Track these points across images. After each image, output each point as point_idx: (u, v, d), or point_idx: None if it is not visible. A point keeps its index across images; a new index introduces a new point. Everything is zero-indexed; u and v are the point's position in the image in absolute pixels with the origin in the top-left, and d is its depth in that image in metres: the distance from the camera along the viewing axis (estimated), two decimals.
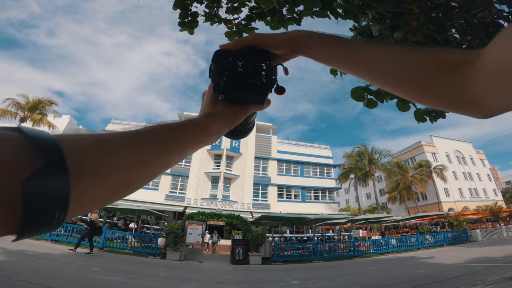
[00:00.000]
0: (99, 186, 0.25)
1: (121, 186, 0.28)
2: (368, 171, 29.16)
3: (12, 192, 0.19)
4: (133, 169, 0.29)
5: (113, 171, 0.27)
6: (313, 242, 15.22)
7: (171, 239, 10.94)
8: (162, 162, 0.33)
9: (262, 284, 7.06)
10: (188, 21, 3.24)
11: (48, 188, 0.20)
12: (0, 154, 0.20)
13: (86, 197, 0.24)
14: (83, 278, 5.79)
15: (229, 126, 0.43)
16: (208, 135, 0.40)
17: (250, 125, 0.52)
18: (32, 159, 0.20)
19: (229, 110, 0.42)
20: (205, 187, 25.03)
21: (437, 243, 16.76)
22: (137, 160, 0.29)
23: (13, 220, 0.20)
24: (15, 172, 0.20)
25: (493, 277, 6.12)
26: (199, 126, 0.39)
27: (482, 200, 37.90)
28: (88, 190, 0.24)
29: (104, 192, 0.27)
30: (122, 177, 0.28)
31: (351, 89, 2.26)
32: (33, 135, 0.22)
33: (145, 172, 0.31)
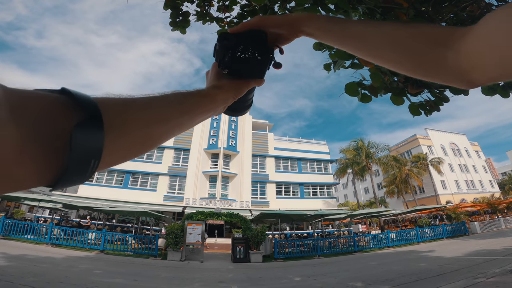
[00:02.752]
0: (123, 140, 0.30)
1: (141, 141, 0.33)
2: (366, 165, 29.31)
3: (61, 141, 0.23)
4: (151, 127, 0.33)
5: (135, 128, 0.31)
6: (313, 238, 15.30)
7: (171, 239, 10.91)
8: (175, 123, 0.37)
9: (264, 282, 7.08)
10: (179, 20, 3.22)
11: (89, 139, 0.24)
12: (52, 108, 0.23)
13: (113, 149, 0.28)
14: (86, 281, 5.75)
15: (233, 97, 0.47)
16: (215, 103, 0.44)
17: (249, 102, 0.56)
18: (76, 113, 0.24)
19: (232, 83, 0.47)
20: (203, 186, 24.99)
21: (436, 236, 16.94)
22: (154, 119, 0.34)
23: (56, 168, 0.23)
24: (65, 124, 0.23)
25: (494, 270, 6.19)
26: (207, 95, 0.44)
27: (479, 192, 38.39)
28: (115, 142, 0.28)
29: (127, 146, 0.31)
30: (142, 134, 0.32)
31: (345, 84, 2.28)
32: (77, 94, 0.26)
33: (161, 129, 0.35)
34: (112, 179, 25.15)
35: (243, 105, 0.54)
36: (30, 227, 12.07)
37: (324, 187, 29.03)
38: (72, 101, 0.25)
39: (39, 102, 0.23)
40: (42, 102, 0.23)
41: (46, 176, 0.23)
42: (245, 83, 0.48)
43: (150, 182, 25.43)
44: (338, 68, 2.60)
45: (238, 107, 0.54)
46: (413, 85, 2.42)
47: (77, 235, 11.83)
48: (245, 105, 0.55)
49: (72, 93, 0.25)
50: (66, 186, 0.27)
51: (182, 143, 27.15)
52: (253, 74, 0.48)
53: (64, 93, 0.26)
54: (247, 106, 0.56)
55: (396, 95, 2.45)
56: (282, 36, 0.47)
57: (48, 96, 0.24)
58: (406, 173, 32.33)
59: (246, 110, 0.56)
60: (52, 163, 0.23)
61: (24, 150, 0.21)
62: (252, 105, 0.57)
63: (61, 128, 0.23)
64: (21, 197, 15.97)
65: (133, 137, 0.31)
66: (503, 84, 2.33)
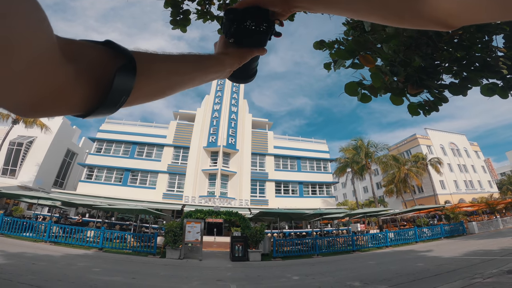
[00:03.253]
0: (147, 85, 0.37)
1: (160, 88, 0.41)
2: (365, 164, 29.34)
3: (104, 79, 0.31)
4: (169, 77, 0.41)
5: (157, 76, 0.39)
6: (312, 237, 15.35)
7: (170, 237, 10.93)
8: (189, 77, 0.45)
9: (262, 281, 7.11)
10: (180, 19, 3.20)
11: (124, 81, 0.32)
12: (102, 53, 0.32)
13: (137, 91, 0.35)
14: (84, 279, 5.77)
15: (238, 62, 0.53)
16: (223, 66, 0.51)
17: (254, 70, 0.62)
18: (117, 60, 0.32)
19: (238, 50, 0.53)
20: (203, 184, 25.01)
21: (434, 236, 17.01)
22: (173, 71, 0.42)
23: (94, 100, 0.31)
24: (108, 66, 0.32)
25: (491, 270, 6.22)
26: (217, 58, 0.51)
27: (477, 192, 38.52)
28: (140, 86, 0.35)
29: (149, 89, 0.38)
30: (162, 81, 0.40)
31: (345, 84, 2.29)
32: (119, 45, 0.33)
33: (177, 80, 0.43)
34: (111, 176, 25.15)
35: (248, 73, 0.60)
36: (29, 225, 12.08)
37: (323, 186, 29.09)
38: (114, 50, 0.33)
39: (93, 48, 0.32)
40: (94, 48, 0.32)
41: (86, 105, 0.31)
42: (249, 51, 0.54)
43: (149, 180, 25.44)
44: (338, 67, 2.61)
45: (244, 74, 0.60)
46: (413, 85, 2.43)
47: (75, 233, 11.84)
48: (250, 73, 0.61)
49: (116, 44, 0.33)
50: (97, 117, 0.34)
51: (181, 141, 27.13)
52: (255, 43, 0.54)
53: (108, 44, 0.33)
54: (252, 75, 0.62)
55: (395, 95, 2.47)
56: (278, 13, 0.52)
57: (98, 45, 0.33)
58: (405, 173, 32.38)
59: (251, 78, 0.62)
60: (93, 96, 0.31)
61: (76, 82, 0.29)
62: (256, 74, 0.63)
63: (105, 69, 0.31)
64: (20, 195, 15.96)
65: (155, 83, 0.39)
66: (502, 85, 2.34)
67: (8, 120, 22.43)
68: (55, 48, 0.25)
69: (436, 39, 2.40)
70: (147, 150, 26.78)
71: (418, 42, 2.45)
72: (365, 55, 2.25)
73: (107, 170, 25.23)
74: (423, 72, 2.43)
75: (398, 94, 2.51)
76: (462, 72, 2.49)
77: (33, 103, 0.26)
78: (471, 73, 2.38)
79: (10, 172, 26.28)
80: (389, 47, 2.34)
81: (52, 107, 0.28)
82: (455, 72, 2.51)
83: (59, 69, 0.26)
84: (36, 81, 0.24)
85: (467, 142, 45.34)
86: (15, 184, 24.48)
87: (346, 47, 2.41)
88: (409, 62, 2.45)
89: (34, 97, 0.26)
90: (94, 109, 0.32)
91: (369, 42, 2.35)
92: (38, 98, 0.26)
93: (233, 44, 0.53)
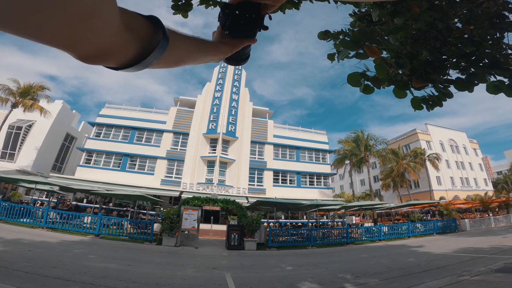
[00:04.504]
0: (169, 55, 0.45)
1: (174, 60, 0.49)
2: (363, 157, 29.40)
3: (147, 45, 0.40)
4: (182, 52, 0.51)
5: (176, 51, 0.48)
6: (308, 228, 15.54)
7: (166, 225, 10.99)
8: (194, 55, 0.54)
9: (257, 270, 7.21)
10: (182, 4, 3.09)
11: (160, 48, 0.41)
12: (150, 26, 0.41)
13: (164, 57, 0.44)
14: (79, 266, 5.81)
15: (231, 50, 0.62)
16: (219, 51, 0.59)
17: (246, 55, 0.71)
18: (158, 33, 0.42)
19: (232, 41, 0.61)
20: (201, 171, 25.06)
21: (427, 232, 17.26)
22: (187, 48, 0.51)
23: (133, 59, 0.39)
24: (154, 37, 0.41)
25: (479, 268, 6.30)
26: (215, 44, 0.59)
27: (472, 190, 38.87)
28: (166, 54, 0.43)
29: (168, 59, 0.46)
30: (178, 55, 0.49)
31: None
32: (159, 21, 0.42)
33: (187, 55, 0.52)
34: (110, 161, 25.14)
35: (241, 57, 0.70)
36: (26, 210, 12.09)
37: (321, 177, 29.22)
38: (155, 25, 0.42)
39: (142, 22, 0.40)
40: (144, 22, 0.40)
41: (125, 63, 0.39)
42: (240, 42, 0.62)
43: (148, 165, 25.45)
44: (342, 58, 2.51)
45: (238, 58, 0.69)
46: (418, 79, 2.33)
47: (72, 219, 11.88)
48: (243, 58, 0.70)
49: (160, 23, 0.42)
50: (128, 71, 0.42)
51: (181, 127, 26.99)
52: (246, 35, 0.62)
53: (152, 19, 0.42)
54: (245, 59, 0.71)
55: (399, 88, 2.39)
56: (269, 5, 0.60)
57: (145, 19, 0.41)
58: (404, 167, 32.52)
59: (244, 61, 0.72)
60: (133, 57, 0.39)
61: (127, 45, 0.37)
62: (249, 58, 0.72)
63: (149, 40, 0.40)
64: (18, 179, 15.95)
65: (173, 55, 0.47)
66: (508, 83, 2.25)
67: (8, 104, 22.17)
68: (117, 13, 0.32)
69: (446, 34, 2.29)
70: (146, 136, 26.67)
71: (427, 35, 2.33)
72: (370, 45, 2.14)
73: (105, 155, 25.19)
74: (430, 66, 2.33)
75: (401, 87, 2.44)
76: (470, 68, 2.39)
77: (93, 53, 0.33)
78: (479, 69, 2.28)
79: (8, 156, 26.23)
80: (396, 38, 2.23)
81: (104, 59, 0.36)
82: (463, 67, 2.41)
83: (119, 34, 0.34)
84: (103, 36, 0.31)
85: (466, 139, 45.33)
86: (14, 168, 24.49)
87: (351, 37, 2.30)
88: (416, 55, 2.34)
89: (96, 49, 0.33)
90: (130, 66, 0.40)
91: (375, 33, 2.24)
92: (97, 51, 0.33)
93: (228, 35, 0.61)
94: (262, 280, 5.92)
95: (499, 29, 2.28)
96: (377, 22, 2.30)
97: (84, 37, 0.30)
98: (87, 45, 0.31)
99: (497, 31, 2.32)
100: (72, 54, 0.33)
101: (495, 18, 2.29)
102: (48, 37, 0.27)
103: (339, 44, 2.50)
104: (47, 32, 0.27)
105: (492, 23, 2.26)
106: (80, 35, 0.29)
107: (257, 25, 0.61)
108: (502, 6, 2.29)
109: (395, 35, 2.22)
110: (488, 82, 2.26)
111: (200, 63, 0.58)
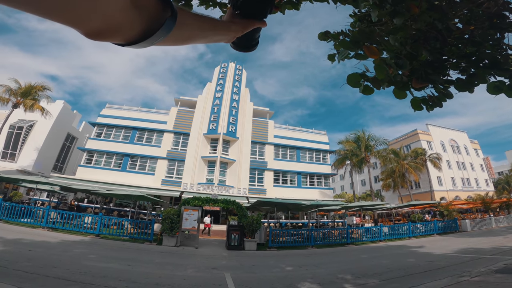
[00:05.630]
0: (178, 32, 0.45)
1: (182, 38, 0.49)
2: (364, 157, 29.35)
3: (155, 22, 0.40)
4: (192, 31, 0.50)
5: (184, 29, 0.47)
6: (308, 228, 15.52)
7: (167, 225, 11.00)
8: (203, 34, 0.53)
9: (256, 270, 7.20)
10: (182, 4, 3.08)
11: (167, 26, 0.41)
12: (159, 4, 0.40)
13: (172, 35, 0.44)
14: (80, 266, 5.81)
15: (242, 30, 0.61)
16: (229, 30, 0.59)
17: (256, 41, 0.70)
18: (166, 10, 0.41)
19: (242, 20, 0.61)
20: (202, 171, 25.07)
21: (427, 232, 17.21)
22: (196, 27, 0.50)
23: (141, 36, 0.40)
24: (162, 15, 0.41)
25: (479, 269, 6.27)
26: (225, 23, 0.59)
27: (473, 190, 38.74)
28: (174, 32, 0.44)
29: (175, 37, 0.46)
30: (186, 33, 0.49)
31: None
32: (170, 1, 0.42)
33: (195, 34, 0.51)
34: (110, 161, 25.17)
35: (250, 42, 0.69)
36: (27, 210, 12.11)
37: (322, 177, 29.19)
38: (164, 3, 0.42)
39: None
40: None
41: (132, 39, 0.39)
42: (251, 22, 0.62)
43: (148, 165, 25.48)
44: (342, 58, 2.51)
45: (247, 44, 0.68)
46: (418, 80, 2.33)
47: (73, 219, 11.89)
48: (253, 44, 0.69)
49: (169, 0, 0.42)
50: (134, 48, 0.42)
51: (181, 127, 27.02)
52: (257, 14, 0.62)
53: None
54: (255, 45, 0.70)
55: (399, 89, 2.39)
56: None
57: None
58: (405, 168, 32.45)
59: (253, 47, 0.71)
60: (140, 34, 0.39)
61: (135, 22, 0.38)
62: (257, 45, 0.71)
63: (157, 17, 0.40)
64: (19, 179, 15.98)
65: (183, 32, 0.47)
66: (509, 83, 2.25)
67: (9, 104, 22.23)
68: None
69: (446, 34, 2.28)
70: (147, 136, 26.71)
71: (426, 36, 2.33)
72: (370, 46, 2.14)
73: (106, 155, 25.23)
74: (430, 67, 2.33)
75: (401, 88, 2.44)
76: (470, 68, 2.38)
77: (99, 30, 0.34)
78: (480, 70, 2.27)
79: (9, 156, 26.30)
80: (396, 39, 2.23)
81: (111, 35, 0.36)
82: (463, 68, 2.41)
83: (126, 10, 0.35)
84: (109, 12, 0.32)
85: (467, 139, 45.22)
86: (15, 168, 24.55)
87: (351, 38, 2.29)
88: (416, 56, 2.33)
89: (102, 25, 0.34)
90: (136, 42, 0.40)
91: (375, 33, 2.24)
92: (104, 27, 0.34)
93: (239, 15, 0.62)
94: (262, 280, 5.91)
95: (499, 30, 2.27)
96: (377, 22, 2.30)
97: (91, 13, 0.31)
98: (94, 21, 0.32)
99: (498, 32, 2.31)
100: (79, 30, 0.33)
101: (496, 18, 2.28)
102: (55, 12, 0.28)
103: (339, 45, 2.50)
104: (54, 7, 0.27)
105: (492, 24, 2.26)
106: (87, 10, 0.30)
107: (268, 4, 0.61)
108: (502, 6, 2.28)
109: (394, 35, 2.22)
110: (488, 82, 2.26)
111: (209, 42, 0.58)
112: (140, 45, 0.41)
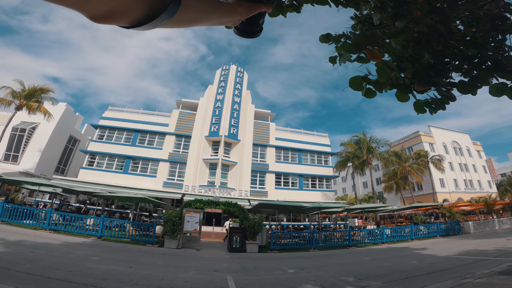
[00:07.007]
0: (183, 14, 0.45)
1: (187, 20, 0.48)
2: (366, 159, 29.26)
3: (165, 4, 0.39)
4: (197, 13, 0.49)
5: (189, 11, 0.47)
6: (310, 230, 15.46)
7: (168, 227, 11.01)
8: (208, 16, 0.53)
9: (258, 273, 7.18)
10: None
11: (171, 8, 0.40)
12: None
13: (177, 17, 0.44)
14: (82, 268, 5.82)
15: (247, 13, 0.61)
16: (235, 12, 0.58)
17: (260, 27, 0.69)
18: None
19: (248, 3, 0.61)
20: (203, 174, 25.08)
21: (430, 234, 17.10)
22: (201, 9, 0.50)
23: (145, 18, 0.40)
24: None
25: (482, 271, 6.23)
26: (231, 5, 0.59)
27: (476, 192, 38.49)
28: (179, 13, 0.43)
29: (182, 18, 0.46)
30: (191, 15, 0.48)
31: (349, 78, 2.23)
32: None
33: (200, 16, 0.51)
34: (112, 164, 25.26)
35: (254, 28, 0.68)
36: (29, 212, 12.13)
37: (323, 179, 29.12)
38: None
39: None
40: None
41: (136, 22, 0.40)
42: (256, 5, 0.63)
43: (150, 168, 25.53)
44: (344, 61, 2.53)
45: (251, 30, 0.68)
46: (420, 82, 2.33)
47: (75, 221, 11.92)
48: (257, 30, 0.69)
49: None
50: (142, 30, 0.42)
51: (183, 129, 27.09)
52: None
53: None
54: (259, 31, 0.70)
55: (401, 92, 2.38)
56: None
57: None
58: (408, 170, 32.31)
59: (257, 34, 0.70)
60: (144, 17, 0.39)
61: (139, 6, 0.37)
62: (261, 31, 0.71)
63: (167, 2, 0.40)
64: (21, 181, 16.05)
65: (188, 14, 0.46)
66: (511, 85, 2.25)
67: (11, 106, 22.39)
68: None
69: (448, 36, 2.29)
70: (148, 138, 26.80)
71: (428, 38, 2.34)
72: (371, 49, 2.15)
73: (108, 157, 25.32)
74: (432, 69, 2.33)
75: (404, 91, 2.44)
76: (472, 70, 2.39)
77: (103, 13, 0.35)
78: (482, 72, 2.28)
79: (12, 158, 26.45)
80: (398, 42, 2.24)
81: (115, 18, 0.37)
82: (465, 70, 2.41)
83: None
84: None
85: (470, 141, 45.01)
86: (17, 170, 24.67)
87: (353, 41, 2.31)
88: (418, 58, 2.34)
89: (107, 8, 0.34)
90: (141, 25, 0.40)
91: (376, 36, 2.25)
92: (108, 10, 0.35)
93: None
94: (264, 283, 5.89)
95: (501, 31, 2.28)
96: (378, 25, 2.31)
97: None
98: (99, 3, 0.33)
99: (499, 33, 2.31)
100: (83, 13, 0.34)
101: (497, 20, 2.29)
102: None
103: (340, 48, 2.51)
104: None
105: (494, 25, 2.26)
106: None
107: None
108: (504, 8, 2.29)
109: (396, 38, 2.23)
110: (490, 84, 2.26)
111: (214, 25, 0.57)
112: (144, 27, 0.41)
